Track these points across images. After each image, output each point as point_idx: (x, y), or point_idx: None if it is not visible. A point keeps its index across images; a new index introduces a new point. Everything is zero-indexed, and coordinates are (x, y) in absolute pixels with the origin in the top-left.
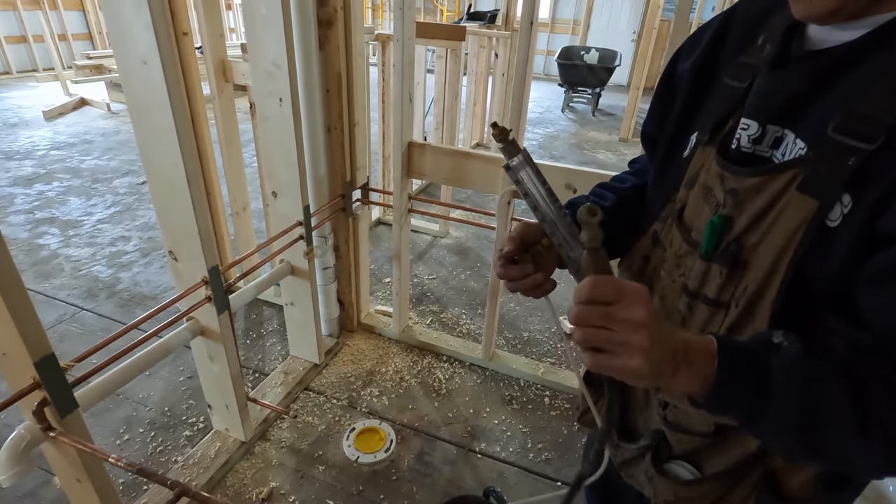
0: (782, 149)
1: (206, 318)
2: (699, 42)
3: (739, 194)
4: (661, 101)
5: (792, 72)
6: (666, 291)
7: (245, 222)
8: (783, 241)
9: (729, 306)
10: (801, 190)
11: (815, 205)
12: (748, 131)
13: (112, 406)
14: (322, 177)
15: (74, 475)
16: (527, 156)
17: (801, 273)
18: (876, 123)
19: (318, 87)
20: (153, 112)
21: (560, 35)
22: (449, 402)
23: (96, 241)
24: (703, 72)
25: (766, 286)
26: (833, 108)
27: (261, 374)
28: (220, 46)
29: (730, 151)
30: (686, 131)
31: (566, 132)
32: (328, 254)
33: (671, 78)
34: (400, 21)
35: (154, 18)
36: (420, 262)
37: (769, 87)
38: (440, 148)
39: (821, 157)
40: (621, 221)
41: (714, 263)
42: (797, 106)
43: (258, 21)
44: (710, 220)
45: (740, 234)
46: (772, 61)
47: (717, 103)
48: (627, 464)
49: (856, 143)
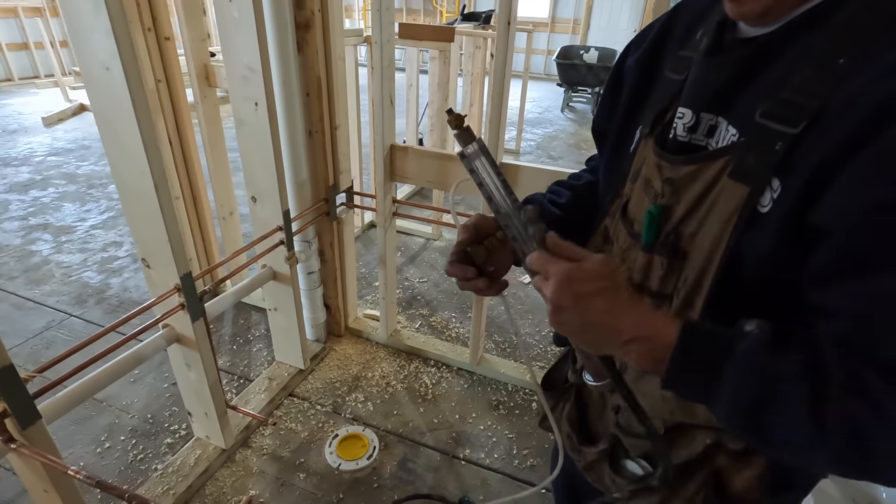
0: (716, 136)
1: (181, 325)
2: (645, 38)
3: (675, 183)
4: (610, 96)
5: (723, 60)
6: None
7: (232, 227)
8: (718, 229)
9: (672, 298)
10: (732, 177)
11: (746, 191)
12: (683, 119)
13: (94, 413)
14: (304, 181)
15: (41, 486)
16: (482, 145)
17: (735, 260)
18: (799, 107)
19: (298, 90)
20: (118, 120)
21: (560, 34)
22: (435, 407)
23: (88, 246)
24: (647, 66)
25: (704, 275)
26: (761, 95)
27: (246, 379)
28: (203, 51)
29: (667, 141)
30: (632, 126)
31: (565, 132)
32: (312, 258)
33: (619, 73)
34: (378, 23)
35: (113, 23)
36: (412, 265)
37: (702, 76)
38: (423, 150)
39: (750, 143)
40: (577, 218)
41: (655, 255)
42: (729, 93)
43: (231, 24)
44: (648, 210)
45: (678, 223)
46: (705, 51)
47: (658, 96)
48: (590, 467)
49: (781, 127)
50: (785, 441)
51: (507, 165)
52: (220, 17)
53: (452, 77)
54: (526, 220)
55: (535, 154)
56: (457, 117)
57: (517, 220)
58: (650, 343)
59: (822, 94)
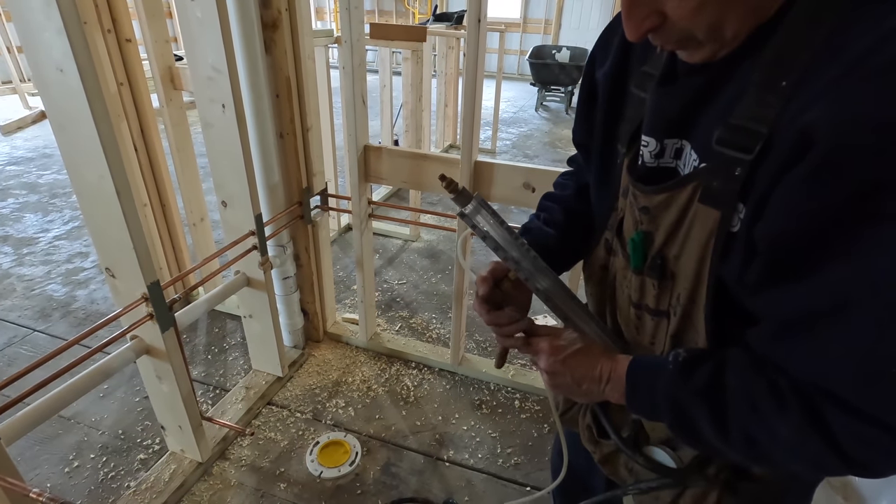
0: (683, 158)
1: (150, 336)
2: (609, 48)
3: (651, 211)
4: (586, 108)
5: (678, 86)
6: (620, 302)
7: (204, 233)
8: (699, 252)
9: (669, 315)
10: (702, 202)
11: (718, 214)
12: (648, 147)
13: (61, 431)
14: (276, 184)
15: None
16: (480, 200)
17: (720, 279)
18: (750, 133)
19: (267, 91)
20: (75, 123)
21: (532, 35)
22: (417, 409)
23: (52, 258)
24: (615, 81)
25: (696, 293)
26: (715, 119)
27: (222, 389)
28: (167, 53)
29: (637, 168)
30: (613, 143)
31: (540, 131)
32: (287, 263)
33: (591, 84)
34: (347, 22)
35: (66, 21)
36: (390, 267)
37: (659, 103)
38: (397, 150)
39: (711, 169)
40: (572, 232)
41: (645, 277)
42: (687, 118)
43: (194, 24)
44: (631, 237)
45: (661, 247)
46: (658, 80)
47: (630, 115)
48: (607, 460)
49: (736, 153)
50: (716, 449)
51: (481, 164)
52: (182, 17)
53: (426, 77)
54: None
55: (511, 153)
56: (450, 182)
57: (527, 262)
58: (618, 381)
59: (769, 118)
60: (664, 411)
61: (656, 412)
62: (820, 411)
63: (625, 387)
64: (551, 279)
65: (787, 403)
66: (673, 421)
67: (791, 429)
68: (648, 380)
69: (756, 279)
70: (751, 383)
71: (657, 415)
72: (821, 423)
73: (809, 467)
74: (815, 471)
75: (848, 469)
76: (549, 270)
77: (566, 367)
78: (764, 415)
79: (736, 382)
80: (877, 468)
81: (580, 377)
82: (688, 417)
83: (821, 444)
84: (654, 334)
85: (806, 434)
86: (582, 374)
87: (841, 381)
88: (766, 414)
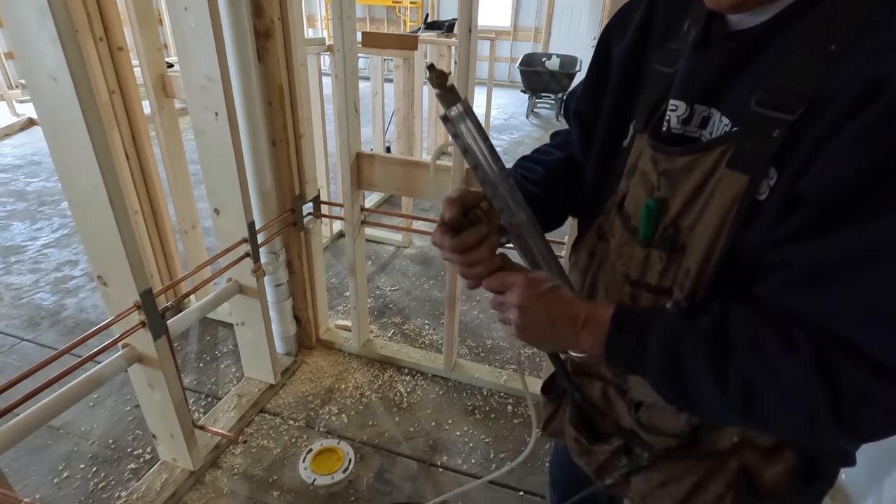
0: (710, 128)
1: (142, 344)
2: (628, 24)
3: (672, 174)
4: (595, 82)
5: (714, 52)
6: (610, 283)
7: (195, 241)
8: (718, 220)
9: (671, 292)
10: (730, 166)
11: (746, 180)
12: (677, 112)
13: (51, 442)
14: (269, 191)
15: None
16: (467, 107)
17: (735, 249)
18: (794, 94)
19: (259, 99)
20: (68, 131)
21: (523, 42)
22: (410, 415)
23: (40, 266)
24: (634, 58)
25: (706, 265)
26: (754, 84)
27: (214, 398)
28: (159, 61)
29: (661, 133)
30: (624, 121)
31: (531, 137)
32: (280, 270)
33: (605, 58)
34: (339, 31)
35: (60, 31)
36: (383, 274)
37: (693, 68)
38: (390, 157)
39: (747, 131)
40: (553, 194)
41: (653, 249)
42: (721, 84)
43: (187, 34)
44: (646, 203)
45: (676, 216)
46: (694, 43)
47: (650, 90)
48: (602, 469)
49: (778, 114)
50: (705, 403)
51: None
52: (175, 26)
53: (417, 85)
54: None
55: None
56: (439, 74)
57: (505, 189)
58: (597, 323)
59: (815, 81)
60: (655, 354)
61: (642, 357)
62: (831, 359)
63: (608, 328)
64: (527, 214)
65: (797, 346)
66: (663, 365)
67: (797, 372)
68: (640, 321)
69: (788, 231)
70: (759, 330)
71: (640, 360)
72: (829, 371)
73: (802, 423)
74: (806, 429)
75: (837, 428)
76: (525, 204)
77: (541, 302)
78: (770, 358)
79: (741, 330)
80: (867, 430)
81: (554, 316)
82: (681, 361)
83: (822, 393)
84: None
85: (810, 380)
86: (556, 313)
87: (865, 328)
88: (773, 357)
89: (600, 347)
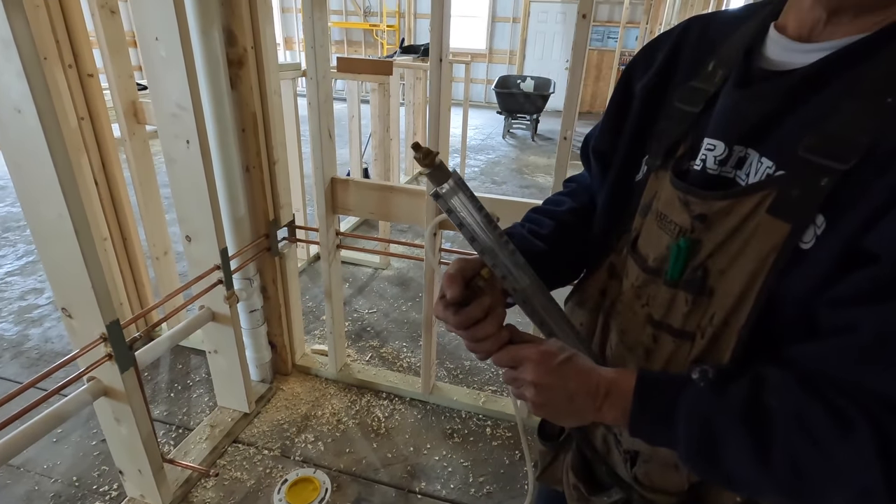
0: (746, 168)
1: (109, 377)
2: (652, 61)
3: (708, 218)
4: (615, 118)
5: (759, 91)
6: (627, 325)
7: (167, 267)
8: (754, 266)
9: (694, 337)
10: (771, 213)
11: (788, 228)
12: (714, 152)
13: (10, 481)
14: (242, 217)
15: None
16: (458, 180)
17: (771, 299)
18: (848, 143)
19: (233, 126)
20: (33, 162)
21: (498, 65)
22: (388, 441)
23: (3, 295)
24: (655, 93)
25: (734, 314)
26: (801, 128)
27: (185, 429)
28: (130, 87)
29: (690, 174)
30: (637, 155)
31: (507, 157)
32: (254, 296)
33: (626, 96)
34: (312, 59)
35: (25, 64)
36: (360, 296)
37: (736, 107)
38: (364, 183)
39: (792, 177)
40: (562, 249)
41: (680, 290)
42: (765, 125)
43: (158, 63)
44: (676, 243)
45: (706, 258)
46: (735, 82)
47: (667, 127)
48: None
49: (829, 162)
50: (743, 480)
51: None
52: (146, 56)
53: (393, 108)
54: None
55: (479, 180)
56: (426, 153)
57: (504, 256)
58: (619, 395)
59: (871, 131)
60: (685, 432)
61: (669, 433)
62: (890, 435)
63: (631, 401)
64: (531, 278)
65: (851, 425)
66: (696, 446)
67: (853, 454)
68: (666, 395)
69: (854, 291)
70: (801, 403)
71: (670, 436)
72: (888, 450)
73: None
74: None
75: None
76: (528, 268)
77: (557, 376)
78: (819, 438)
79: (780, 403)
80: None
81: (573, 391)
82: (718, 442)
83: (879, 472)
84: (670, 359)
85: (867, 461)
86: (575, 387)
87: None
88: (823, 437)
89: (624, 421)
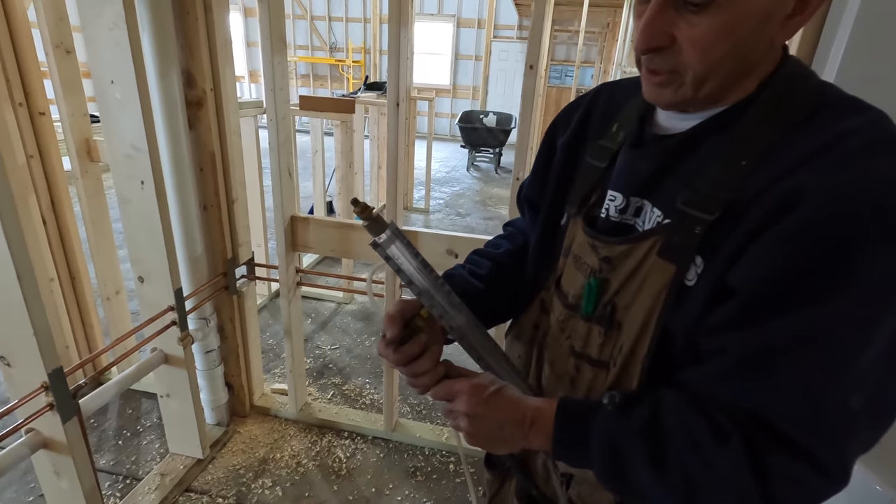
0: (642, 217)
1: (49, 427)
2: (570, 121)
3: (612, 261)
4: (542, 170)
5: (646, 151)
6: (555, 356)
7: (119, 307)
8: (650, 302)
9: (609, 366)
10: (660, 255)
11: (674, 269)
12: (615, 202)
13: None
14: (199, 256)
15: None
16: (395, 230)
17: (666, 330)
18: (714, 198)
19: (190, 166)
20: None
21: (462, 100)
22: (350, 483)
23: None
24: (572, 150)
25: (638, 344)
26: (679, 184)
27: (134, 479)
28: (84, 126)
29: (598, 221)
30: (561, 202)
31: (471, 190)
32: (211, 336)
33: (550, 149)
34: (272, 102)
35: None
36: (323, 332)
37: (629, 164)
38: (324, 220)
39: (673, 226)
40: (498, 289)
41: (594, 324)
42: (652, 180)
43: (113, 105)
44: (588, 282)
45: (614, 295)
46: (631, 142)
47: (582, 180)
48: None
49: (700, 213)
50: (648, 495)
51: (406, 232)
52: (100, 97)
53: (357, 142)
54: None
55: (444, 212)
56: (363, 208)
57: (440, 297)
58: (543, 422)
59: (729, 188)
60: (597, 454)
61: (586, 455)
62: (759, 448)
63: (552, 428)
64: (466, 316)
65: (728, 439)
66: (607, 463)
67: (729, 464)
68: (582, 420)
69: (722, 320)
70: (690, 420)
71: (587, 458)
72: (757, 460)
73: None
74: None
75: None
76: (463, 307)
77: (487, 407)
78: (703, 450)
79: (674, 420)
80: None
81: (502, 420)
82: (623, 459)
83: (752, 481)
84: (591, 387)
85: (741, 470)
86: (503, 417)
87: (788, 414)
88: (706, 450)
89: (549, 446)
